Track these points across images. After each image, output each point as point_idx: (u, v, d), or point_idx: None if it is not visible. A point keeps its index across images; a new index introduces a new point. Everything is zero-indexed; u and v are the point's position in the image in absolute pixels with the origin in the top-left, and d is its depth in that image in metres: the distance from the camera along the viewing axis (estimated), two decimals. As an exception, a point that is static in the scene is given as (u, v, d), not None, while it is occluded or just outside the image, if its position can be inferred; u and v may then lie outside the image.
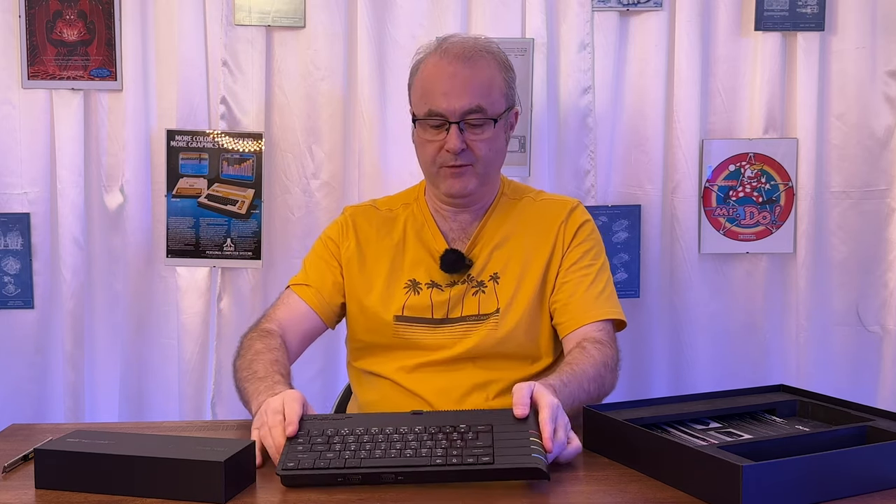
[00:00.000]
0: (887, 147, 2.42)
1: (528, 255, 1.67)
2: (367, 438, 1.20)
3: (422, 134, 1.64)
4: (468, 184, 1.63)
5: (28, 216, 2.36)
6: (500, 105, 1.63)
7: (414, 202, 1.76)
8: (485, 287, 1.65)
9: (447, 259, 1.65)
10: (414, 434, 1.20)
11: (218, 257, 2.37)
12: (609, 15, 2.36)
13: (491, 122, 1.61)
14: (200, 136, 2.34)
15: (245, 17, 2.32)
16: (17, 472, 1.24)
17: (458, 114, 1.58)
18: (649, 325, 2.43)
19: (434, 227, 1.71)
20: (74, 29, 2.32)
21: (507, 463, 1.13)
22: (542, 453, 1.15)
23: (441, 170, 1.63)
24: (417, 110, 1.65)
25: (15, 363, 2.38)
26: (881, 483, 1.13)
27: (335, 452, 1.17)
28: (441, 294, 1.65)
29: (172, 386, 2.41)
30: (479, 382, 1.61)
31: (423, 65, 1.65)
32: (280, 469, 1.16)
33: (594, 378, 1.49)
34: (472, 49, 1.62)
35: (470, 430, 1.20)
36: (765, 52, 2.38)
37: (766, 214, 2.43)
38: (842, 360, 2.46)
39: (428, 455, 1.15)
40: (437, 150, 1.62)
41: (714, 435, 1.27)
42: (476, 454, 1.14)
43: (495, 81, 1.63)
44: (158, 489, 1.12)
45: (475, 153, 1.61)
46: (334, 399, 2.01)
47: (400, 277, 1.68)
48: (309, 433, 1.22)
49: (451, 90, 1.59)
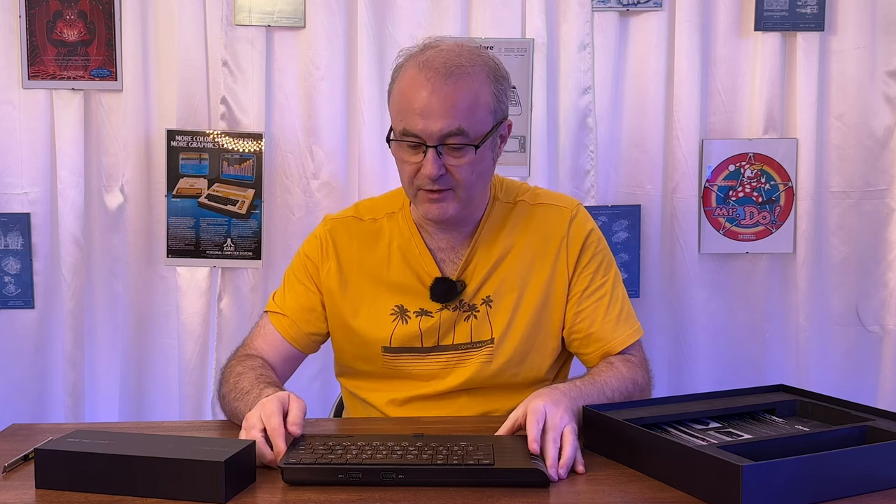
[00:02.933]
0: (887, 147, 2.42)
1: (525, 275, 1.54)
2: (369, 447, 1.20)
3: (397, 152, 1.47)
4: (447, 209, 1.46)
5: (28, 216, 2.36)
6: (486, 124, 1.45)
7: (399, 211, 1.60)
8: (477, 312, 1.53)
9: (438, 290, 1.52)
10: (415, 447, 1.20)
11: (218, 257, 2.37)
12: (609, 15, 2.36)
13: (472, 148, 1.43)
14: (200, 136, 2.34)
15: (245, 18, 2.32)
16: (17, 472, 1.24)
17: (436, 137, 1.41)
18: (649, 325, 2.43)
19: (421, 244, 1.56)
20: (74, 29, 2.33)
21: (508, 464, 1.14)
22: (542, 462, 1.16)
23: (419, 192, 1.47)
24: (394, 125, 1.47)
25: (15, 363, 2.38)
26: (881, 483, 1.13)
27: (337, 454, 1.18)
28: (430, 320, 1.53)
29: (172, 386, 2.41)
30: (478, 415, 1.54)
31: (402, 74, 1.47)
32: (282, 462, 1.16)
33: (618, 389, 1.41)
34: (454, 62, 1.43)
35: (471, 444, 1.21)
36: (765, 53, 2.38)
37: (766, 214, 2.43)
38: (842, 360, 2.46)
39: (430, 458, 1.16)
40: (414, 172, 1.45)
41: (714, 435, 1.27)
42: (477, 457, 1.15)
43: (480, 99, 1.43)
44: (158, 489, 1.12)
45: (455, 177, 1.44)
46: (334, 399, 2.01)
47: (387, 301, 1.55)
48: (311, 441, 1.23)
49: (428, 111, 1.40)
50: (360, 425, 1.52)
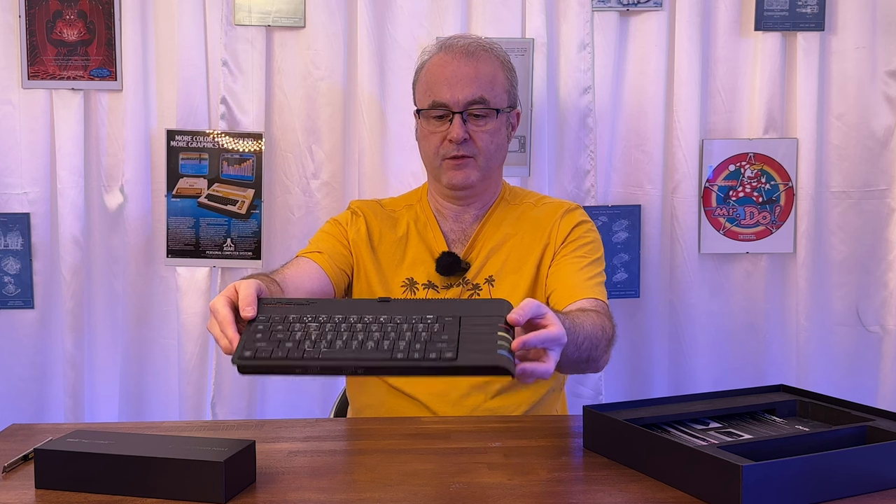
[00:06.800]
0: (887, 147, 2.42)
1: (523, 255, 1.69)
2: (330, 328, 1.13)
3: (425, 126, 1.68)
4: (470, 176, 1.65)
5: (28, 216, 2.36)
6: (503, 100, 1.68)
7: (417, 203, 1.78)
8: (480, 290, 1.66)
9: (443, 262, 1.67)
10: (378, 324, 1.13)
11: (218, 257, 2.37)
12: (609, 15, 2.36)
13: (494, 113, 1.65)
14: (200, 136, 2.34)
15: (245, 17, 2.32)
16: (17, 472, 1.24)
17: (462, 104, 1.63)
18: (649, 325, 2.43)
19: (436, 228, 1.73)
20: (74, 29, 2.32)
21: (471, 361, 1.07)
22: (508, 349, 1.09)
23: (444, 162, 1.66)
24: (421, 103, 1.69)
25: (15, 363, 2.38)
26: (881, 483, 1.13)
27: (294, 343, 1.11)
28: (437, 296, 1.67)
29: (172, 386, 2.41)
30: (476, 384, 1.60)
31: (429, 62, 1.70)
32: (236, 358, 1.11)
33: (590, 334, 1.40)
34: (475, 46, 1.67)
35: (437, 322, 1.13)
36: (765, 52, 2.38)
37: (766, 214, 2.43)
38: (842, 360, 2.46)
39: (390, 349, 1.09)
40: (440, 141, 1.65)
41: (714, 435, 1.27)
42: (440, 349, 1.08)
43: (498, 77, 1.67)
44: (158, 489, 1.12)
45: (477, 144, 1.64)
46: (334, 399, 2.01)
47: (399, 273, 1.70)
48: (269, 319, 1.16)
49: (454, 81, 1.63)
50: (361, 425, 1.52)
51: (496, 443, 1.36)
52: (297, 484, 1.19)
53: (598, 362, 1.49)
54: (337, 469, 1.27)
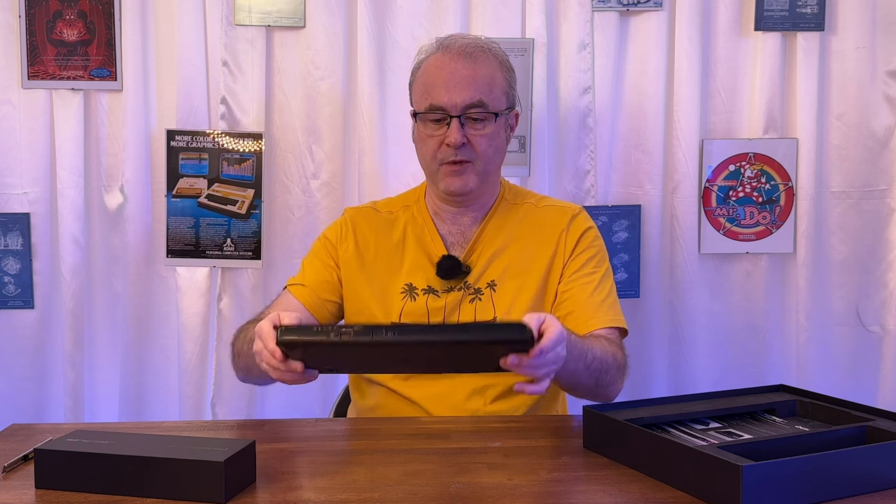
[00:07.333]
0: (887, 147, 2.42)
1: (527, 263, 1.65)
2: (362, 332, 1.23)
3: (422, 129, 1.64)
4: (468, 182, 1.61)
5: (28, 216, 2.36)
6: (501, 103, 1.63)
7: (414, 204, 1.75)
8: (481, 295, 1.63)
9: (443, 266, 1.64)
10: None
11: (218, 257, 2.37)
12: (609, 15, 2.36)
13: (492, 117, 1.60)
14: (200, 136, 2.34)
15: (245, 17, 2.32)
16: (17, 472, 1.24)
17: (460, 108, 1.58)
18: (649, 325, 2.43)
19: (433, 231, 1.69)
20: (74, 29, 2.32)
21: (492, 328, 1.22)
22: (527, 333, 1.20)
23: (442, 167, 1.62)
24: (418, 106, 1.64)
25: (15, 363, 2.38)
26: (881, 483, 1.13)
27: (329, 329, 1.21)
28: (437, 300, 1.63)
29: (172, 386, 2.41)
30: (476, 388, 1.59)
31: (426, 62, 1.64)
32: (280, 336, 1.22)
33: (599, 358, 1.47)
34: (473, 46, 1.62)
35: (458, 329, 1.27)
36: (765, 53, 2.38)
37: (766, 214, 2.43)
38: (842, 360, 2.46)
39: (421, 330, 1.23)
40: (438, 145, 1.61)
41: (714, 435, 1.27)
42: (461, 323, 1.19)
43: (496, 79, 1.62)
44: (158, 489, 1.12)
45: (475, 149, 1.60)
46: (334, 399, 2.01)
47: (397, 280, 1.67)
48: None
49: (452, 84, 1.58)
50: (361, 425, 1.52)
51: (496, 443, 1.36)
52: (297, 484, 1.19)
53: (609, 389, 1.55)
54: (337, 469, 1.26)
